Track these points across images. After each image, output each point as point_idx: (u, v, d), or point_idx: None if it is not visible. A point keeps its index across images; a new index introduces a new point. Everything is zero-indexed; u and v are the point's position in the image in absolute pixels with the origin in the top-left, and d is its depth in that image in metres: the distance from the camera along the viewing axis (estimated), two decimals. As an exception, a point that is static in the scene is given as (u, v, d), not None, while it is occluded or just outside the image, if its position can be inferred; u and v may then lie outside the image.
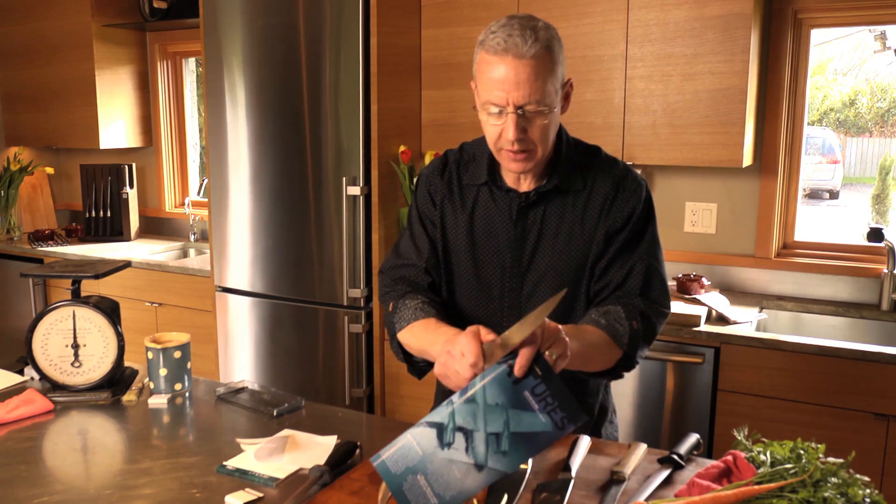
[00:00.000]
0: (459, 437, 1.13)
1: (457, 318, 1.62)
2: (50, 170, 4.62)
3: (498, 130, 1.42)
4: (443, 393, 1.72)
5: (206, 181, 3.61)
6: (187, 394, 1.81)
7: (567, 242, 1.52)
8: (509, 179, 1.55)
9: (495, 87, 1.37)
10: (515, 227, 1.54)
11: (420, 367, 1.60)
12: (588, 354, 1.38)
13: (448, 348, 1.21)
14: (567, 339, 1.20)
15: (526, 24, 1.37)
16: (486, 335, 1.18)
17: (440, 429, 1.14)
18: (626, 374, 1.54)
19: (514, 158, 1.44)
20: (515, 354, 1.13)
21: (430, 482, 1.12)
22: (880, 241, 2.79)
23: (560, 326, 1.20)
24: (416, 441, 1.14)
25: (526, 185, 1.54)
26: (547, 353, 1.16)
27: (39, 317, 1.78)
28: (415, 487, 1.12)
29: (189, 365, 1.82)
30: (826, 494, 1.07)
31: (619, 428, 1.82)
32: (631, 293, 1.50)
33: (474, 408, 1.13)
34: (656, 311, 1.52)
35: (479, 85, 1.44)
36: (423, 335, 1.46)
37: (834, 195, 4.78)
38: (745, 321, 2.64)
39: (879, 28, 3.09)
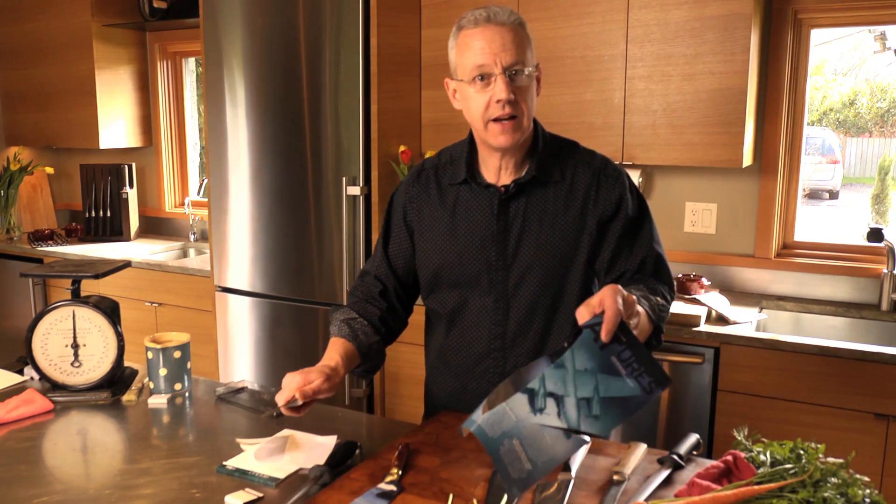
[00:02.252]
0: (551, 403, 1.15)
1: (438, 319, 1.68)
2: (50, 170, 4.62)
3: (486, 99, 1.47)
4: (445, 390, 1.72)
5: (205, 181, 3.61)
6: (187, 394, 1.81)
7: (551, 233, 1.55)
8: (489, 175, 1.58)
9: (481, 52, 1.45)
10: (498, 221, 1.57)
11: (360, 372, 1.64)
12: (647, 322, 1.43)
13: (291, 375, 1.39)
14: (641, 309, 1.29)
15: (499, 6, 1.48)
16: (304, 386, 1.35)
17: (532, 394, 1.17)
18: None
19: (503, 129, 1.48)
20: (600, 320, 1.17)
21: (525, 447, 1.15)
22: (880, 242, 2.79)
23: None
24: (509, 407, 1.16)
25: (505, 178, 1.57)
26: (631, 322, 1.23)
27: (39, 317, 1.78)
28: (511, 452, 1.14)
29: (189, 365, 1.82)
30: (826, 494, 1.07)
31: (620, 427, 1.82)
32: (645, 277, 1.56)
33: (564, 373, 1.17)
34: (670, 293, 1.58)
35: (459, 64, 1.51)
36: (326, 351, 1.54)
37: (834, 195, 4.78)
38: (745, 321, 2.64)
39: (879, 28, 3.09)
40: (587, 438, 1.39)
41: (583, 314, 1.20)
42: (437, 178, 1.65)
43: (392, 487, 1.26)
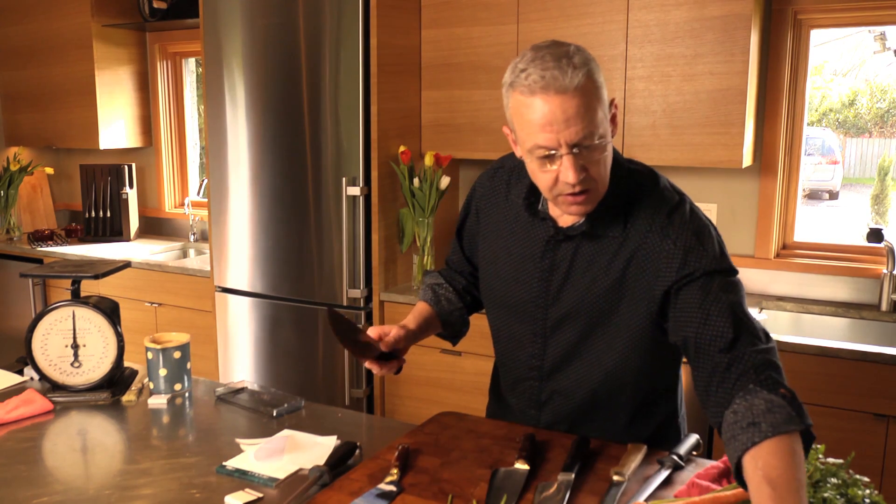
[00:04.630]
0: None
1: (493, 325, 1.63)
2: (50, 170, 4.62)
3: (552, 177, 1.28)
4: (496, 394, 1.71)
5: (205, 181, 3.61)
6: (187, 394, 1.81)
7: (591, 285, 1.41)
8: (553, 209, 1.44)
9: (541, 129, 1.24)
10: (544, 258, 1.45)
11: (445, 336, 1.69)
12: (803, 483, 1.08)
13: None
14: None
15: (558, 52, 1.23)
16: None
17: None
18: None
19: (574, 202, 1.31)
20: None
21: None
22: (880, 242, 2.79)
23: None
24: None
25: (566, 219, 1.42)
26: None
27: (39, 317, 1.78)
28: None
29: (189, 365, 1.82)
30: (826, 495, 1.07)
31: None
32: (721, 344, 1.26)
33: None
34: (769, 349, 1.28)
35: (518, 130, 1.30)
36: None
37: (833, 196, 4.79)
38: (745, 322, 2.63)
39: (879, 29, 3.09)
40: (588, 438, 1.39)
41: None
42: (508, 185, 1.53)
43: (392, 488, 1.26)
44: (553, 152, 1.26)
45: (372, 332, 1.46)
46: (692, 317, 1.30)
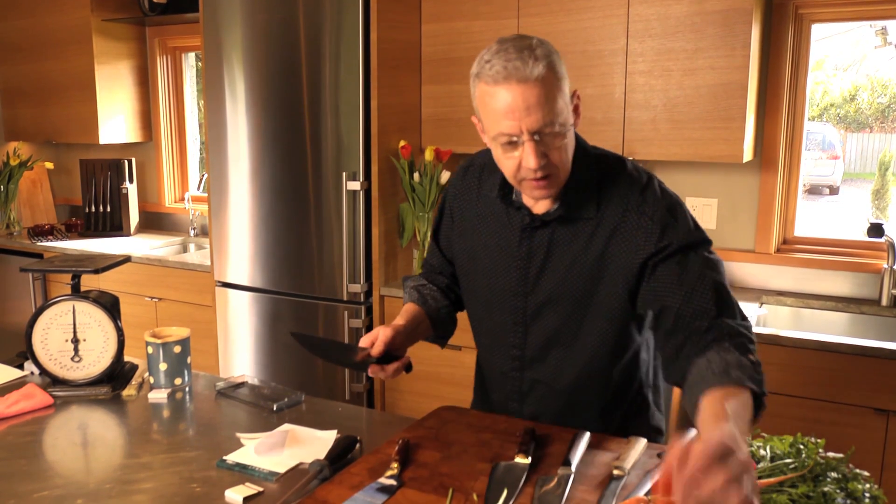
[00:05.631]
0: None
1: (474, 322, 1.66)
2: (49, 165, 4.61)
3: (515, 162, 1.34)
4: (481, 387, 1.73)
5: (205, 176, 3.61)
6: (187, 388, 1.81)
7: (569, 269, 1.46)
8: (527, 198, 1.49)
9: (504, 117, 1.30)
10: (521, 246, 1.50)
11: (432, 339, 1.69)
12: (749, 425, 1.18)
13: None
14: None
15: (519, 44, 1.30)
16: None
17: None
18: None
19: (536, 186, 1.37)
20: None
21: None
22: (880, 237, 2.79)
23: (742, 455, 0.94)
24: None
25: (540, 206, 1.47)
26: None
27: (39, 311, 1.78)
28: None
29: (189, 360, 1.82)
30: (826, 489, 1.07)
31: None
32: (704, 314, 1.32)
33: None
34: (745, 325, 1.34)
35: (484, 118, 1.36)
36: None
37: (834, 191, 4.78)
38: (745, 316, 2.63)
39: (880, 23, 3.09)
40: (587, 432, 1.39)
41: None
42: (480, 181, 1.58)
43: (392, 482, 1.26)
44: (515, 139, 1.32)
45: (363, 342, 1.46)
46: (673, 290, 1.35)
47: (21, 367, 1.93)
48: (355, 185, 3.00)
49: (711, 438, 0.93)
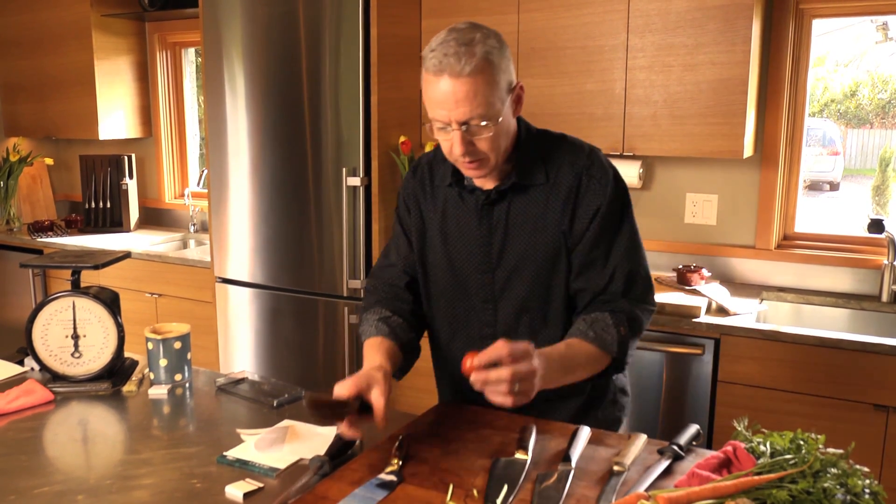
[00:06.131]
0: None
1: (434, 315, 1.67)
2: (49, 160, 4.61)
3: (448, 144, 1.43)
4: (449, 383, 1.73)
5: (205, 172, 3.61)
6: (187, 384, 1.81)
7: (532, 236, 1.52)
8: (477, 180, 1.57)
9: (437, 105, 1.39)
10: (481, 225, 1.55)
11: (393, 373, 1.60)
12: (574, 372, 1.44)
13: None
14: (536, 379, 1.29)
15: (463, 39, 1.36)
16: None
17: None
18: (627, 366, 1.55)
19: (467, 167, 1.47)
20: None
21: None
22: (881, 233, 2.79)
23: (534, 365, 1.28)
24: None
25: (490, 182, 1.54)
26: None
27: (39, 307, 1.78)
28: None
29: (189, 355, 1.82)
30: (826, 485, 1.07)
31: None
32: (615, 296, 1.50)
33: None
34: (642, 309, 1.53)
35: (424, 100, 1.44)
36: (365, 353, 1.55)
37: (834, 187, 4.78)
38: (746, 312, 2.64)
39: (881, 18, 3.08)
40: (587, 428, 1.39)
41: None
42: (431, 176, 1.64)
43: (392, 478, 1.26)
44: (446, 126, 1.40)
45: (346, 388, 1.36)
46: (598, 269, 1.51)
47: (21, 363, 1.93)
48: (355, 181, 3.00)
49: (518, 343, 1.26)
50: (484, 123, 1.39)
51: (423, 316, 1.70)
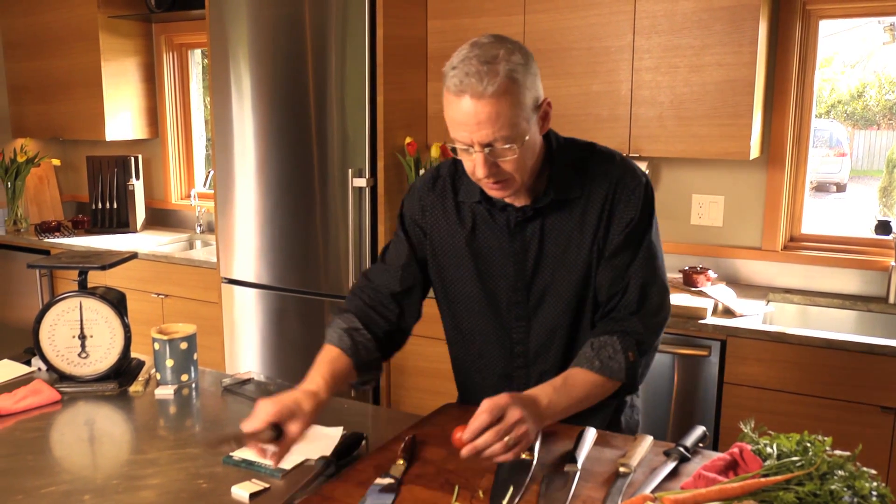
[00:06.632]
0: None
1: (459, 330, 1.62)
2: (56, 161, 4.62)
3: (471, 165, 1.37)
4: (464, 387, 1.71)
5: (211, 173, 3.62)
6: (193, 385, 1.81)
7: (565, 251, 1.48)
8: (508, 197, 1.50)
9: (458, 126, 1.33)
10: (514, 241, 1.50)
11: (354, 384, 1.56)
12: (580, 403, 1.41)
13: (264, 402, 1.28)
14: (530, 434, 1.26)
15: (485, 56, 1.30)
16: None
17: None
18: None
19: (491, 187, 1.41)
20: None
21: None
22: (888, 234, 2.78)
23: (517, 414, 1.24)
24: None
25: (520, 201, 1.48)
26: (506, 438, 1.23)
27: (46, 308, 1.79)
28: None
29: (195, 356, 1.82)
30: (833, 487, 1.07)
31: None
32: (626, 310, 1.46)
33: None
34: (653, 327, 1.49)
35: (446, 119, 1.38)
36: (315, 363, 1.47)
37: (841, 188, 4.77)
38: (752, 314, 2.63)
39: (888, 19, 3.07)
40: (593, 429, 1.39)
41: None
42: (454, 190, 1.56)
43: (390, 480, 1.26)
44: (469, 147, 1.35)
45: (260, 420, 1.25)
46: (618, 280, 1.47)
47: (28, 363, 1.94)
48: (361, 182, 3.01)
49: (495, 398, 1.25)
50: (508, 146, 1.33)
51: (404, 332, 1.62)
